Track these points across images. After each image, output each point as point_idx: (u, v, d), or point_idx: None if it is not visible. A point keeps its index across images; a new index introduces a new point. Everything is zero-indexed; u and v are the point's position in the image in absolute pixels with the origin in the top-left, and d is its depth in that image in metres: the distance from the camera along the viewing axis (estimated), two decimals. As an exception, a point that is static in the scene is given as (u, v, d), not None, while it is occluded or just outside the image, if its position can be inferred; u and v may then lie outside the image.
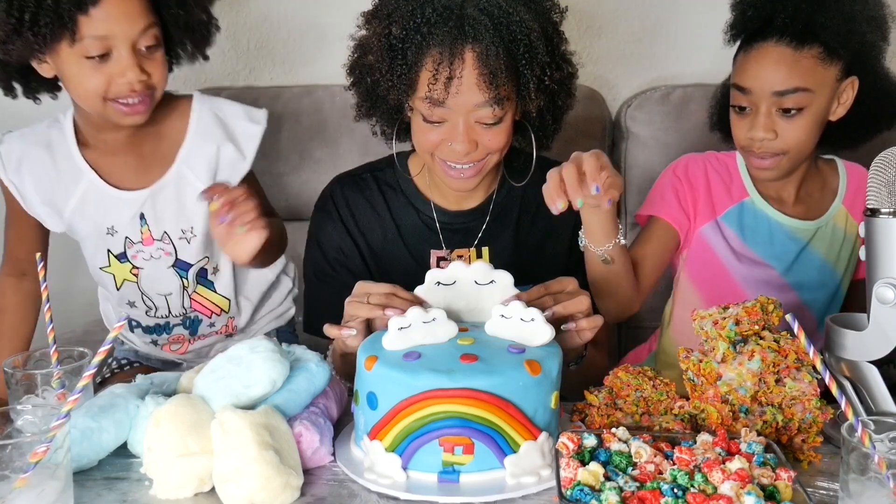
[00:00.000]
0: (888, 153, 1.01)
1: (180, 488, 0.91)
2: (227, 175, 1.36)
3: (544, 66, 1.22)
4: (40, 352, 1.07)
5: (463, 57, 1.17)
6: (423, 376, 0.92)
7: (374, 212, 1.38)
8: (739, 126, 1.34)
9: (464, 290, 1.04)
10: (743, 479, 0.80)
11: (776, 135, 1.29)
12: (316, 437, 0.98)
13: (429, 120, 1.22)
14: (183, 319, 1.41)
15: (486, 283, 1.04)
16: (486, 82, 1.17)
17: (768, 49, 1.28)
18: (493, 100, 1.19)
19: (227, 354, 1.02)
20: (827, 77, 1.29)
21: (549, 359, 0.97)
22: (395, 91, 1.23)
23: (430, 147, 1.25)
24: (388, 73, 1.21)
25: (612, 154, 1.83)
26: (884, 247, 1.00)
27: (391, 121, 1.34)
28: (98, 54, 1.22)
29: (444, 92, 1.18)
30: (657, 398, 1.03)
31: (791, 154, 1.32)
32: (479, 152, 1.24)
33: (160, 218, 1.35)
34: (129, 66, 1.22)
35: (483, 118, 1.21)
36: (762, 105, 1.29)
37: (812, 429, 0.97)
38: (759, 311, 1.01)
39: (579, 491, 0.80)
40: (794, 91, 1.27)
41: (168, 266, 1.36)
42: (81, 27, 1.20)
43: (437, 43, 1.17)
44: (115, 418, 0.98)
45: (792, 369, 0.98)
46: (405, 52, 1.19)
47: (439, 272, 1.04)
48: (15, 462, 0.80)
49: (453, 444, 0.92)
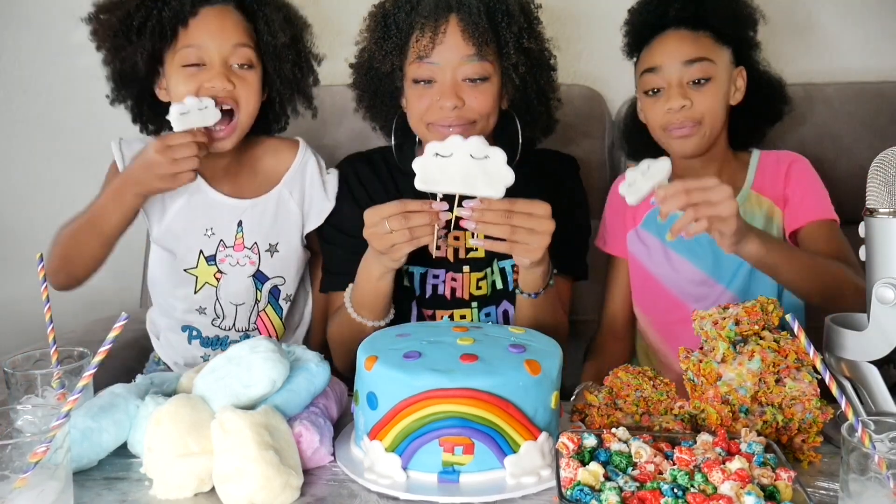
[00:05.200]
0: (888, 153, 1.01)
1: (180, 488, 0.91)
2: (315, 216, 1.49)
3: (521, 29, 1.32)
4: (40, 352, 1.07)
5: (447, 18, 1.29)
6: (423, 376, 0.92)
7: (383, 186, 1.46)
8: (655, 107, 1.42)
9: (460, 161, 1.10)
10: (743, 479, 0.80)
11: (691, 103, 1.38)
12: (316, 437, 0.98)
13: (418, 79, 1.31)
14: (242, 336, 1.45)
15: (481, 158, 1.10)
16: (470, 37, 1.28)
17: (669, 34, 1.42)
18: (476, 54, 1.28)
19: (227, 354, 1.02)
20: (723, 56, 1.42)
21: (549, 359, 0.97)
22: (388, 59, 1.34)
23: (422, 112, 1.33)
24: (380, 42, 1.34)
25: (611, 154, 1.83)
26: (883, 247, 0.99)
27: (390, 116, 1.44)
28: (193, 63, 1.34)
29: (431, 44, 1.28)
30: (657, 398, 1.03)
31: (705, 124, 1.40)
32: (466, 111, 1.30)
33: (254, 229, 1.45)
34: (217, 74, 1.33)
35: (469, 74, 1.30)
36: (673, 78, 1.39)
37: (812, 429, 0.97)
38: (759, 311, 1.01)
39: (579, 491, 0.80)
40: (700, 60, 1.39)
41: (249, 275, 1.45)
42: (181, 37, 1.34)
43: (424, 11, 1.30)
44: (115, 418, 0.98)
45: (792, 369, 0.98)
46: (397, 23, 1.33)
47: (438, 144, 1.11)
48: (15, 462, 0.80)
49: (453, 444, 0.92)
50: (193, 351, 1.48)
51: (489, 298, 1.41)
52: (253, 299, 1.46)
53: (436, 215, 1.13)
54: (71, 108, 2.09)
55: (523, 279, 1.28)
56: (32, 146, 2.11)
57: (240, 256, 1.44)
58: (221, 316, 1.46)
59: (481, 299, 1.41)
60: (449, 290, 1.40)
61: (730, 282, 1.44)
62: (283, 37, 1.39)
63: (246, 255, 1.45)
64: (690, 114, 1.39)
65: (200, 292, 1.45)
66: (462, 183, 1.10)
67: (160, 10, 1.32)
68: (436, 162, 1.11)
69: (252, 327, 1.48)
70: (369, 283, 1.27)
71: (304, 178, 1.49)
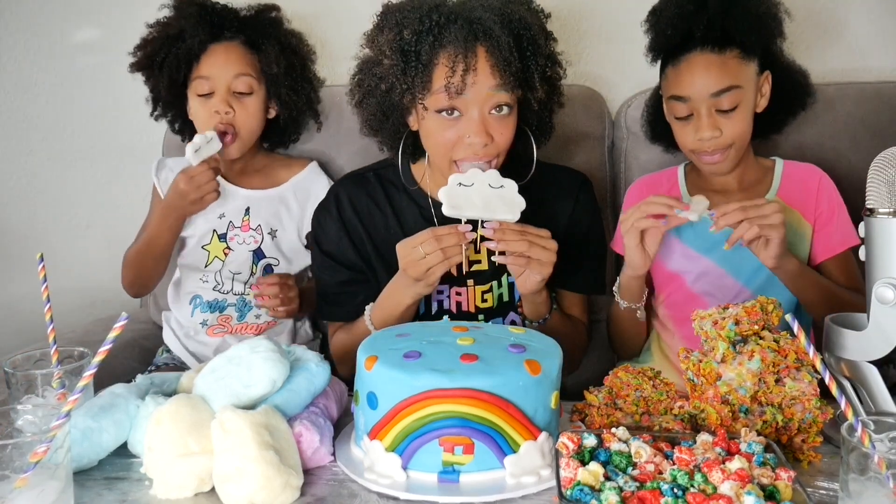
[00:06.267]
0: (888, 153, 1.01)
1: (180, 488, 0.91)
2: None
3: (546, 58, 1.31)
4: (40, 352, 1.07)
5: (475, 51, 1.24)
6: (423, 376, 0.92)
7: (377, 207, 1.46)
8: (685, 133, 1.43)
9: (480, 190, 1.25)
10: (743, 479, 0.80)
11: (721, 132, 1.39)
12: (316, 437, 0.98)
13: (443, 109, 1.27)
14: (238, 300, 1.69)
15: (498, 188, 1.25)
16: (500, 69, 1.24)
17: (695, 58, 1.40)
18: (506, 84, 1.25)
19: (228, 354, 1.02)
20: (749, 73, 1.41)
21: (549, 359, 0.97)
22: (410, 92, 1.28)
23: (448, 146, 1.30)
24: (402, 76, 1.27)
25: (611, 154, 1.83)
26: (883, 247, 0.99)
27: (397, 135, 1.41)
28: (204, 93, 1.61)
29: (462, 83, 1.24)
30: (657, 398, 1.03)
31: (736, 145, 1.42)
32: (493, 147, 1.29)
33: (259, 214, 1.71)
34: (220, 101, 1.60)
35: (494, 104, 1.27)
36: (702, 108, 1.39)
37: (812, 429, 0.97)
38: (759, 311, 1.01)
39: (579, 491, 0.80)
40: (728, 90, 1.38)
41: (250, 251, 1.70)
42: (195, 70, 1.62)
43: (451, 41, 1.24)
44: (115, 418, 0.98)
45: (792, 369, 0.98)
46: (419, 53, 1.26)
47: (461, 175, 1.25)
48: (15, 462, 0.80)
49: (453, 443, 0.92)
50: (196, 320, 1.69)
51: (495, 311, 1.43)
52: (249, 272, 1.70)
53: (463, 236, 1.23)
54: (71, 108, 2.09)
55: (527, 309, 1.38)
56: (32, 146, 2.11)
57: (245, 236, 1.70)
58: (221, 282, 1.70)
59: (487, 311, 1.42)
60: (454, 305, 1.42)
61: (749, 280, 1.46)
62: (278, 68, 1.64)
63: (251, 234, 1.70)
64: (721, 141, 1.40)
65: (209, 266, 1.70)
66: (484, 208, 1.24)
67: (178, 48, 1.61)
68: (459, 191, 1.25)
69: (247, 292, 1.69)
70: (398, 310, 1.32)
71: (310, 187, 1.73)
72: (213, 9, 1.65)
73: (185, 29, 1.61)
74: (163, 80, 1.64)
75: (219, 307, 1.69)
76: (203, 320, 1.69)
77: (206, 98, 1.61)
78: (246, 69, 1.62)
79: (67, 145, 2.11)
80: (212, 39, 1.62)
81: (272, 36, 1.67)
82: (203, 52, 1.61)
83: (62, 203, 2.13)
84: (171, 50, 1.61)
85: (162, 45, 1.62)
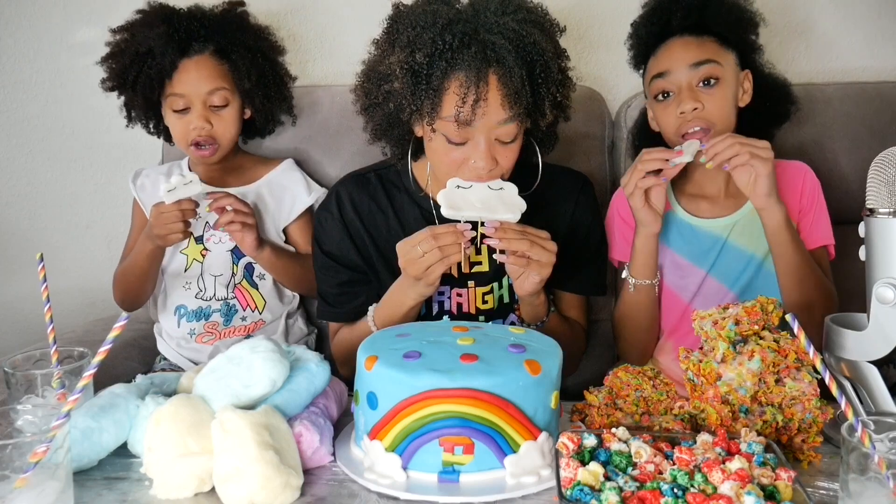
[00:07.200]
0: (888, 153, 1.01)
1: (180, 488, 0.91)
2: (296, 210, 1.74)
3: (558, 84, 1.29)
4: (40, 352, 1.07)
5: (487, 80, 1.22)
6: (423, 376, 0.92)
7: (378, 208, 1.46)
8: (666, 112, 1.43)
9: (479, 191, 1.25)
10: (743, 479, 0.80)
11: (702, 105, 1.39)
12: (316, 437, 0.98)
13: (453, 141, 1.26)
14: (222, 305, 1.67)
15: (497, 189, 1.26)
16: (510, 101, 1.22)
17: (674, 41, 1.44)
18: (515, 117, 1.24)
19: (228, 354, 1.02)
20: (728, 59, 1.43)
21: (549, 359, 0.97)
22: (418, 115, 1.27)
23: (453, 166, 1.29)
24: (412, 98, 1.25)
25: (611, 154, 1.83)
26: (883, 247, 1.00)
27: (402, 142, 1.41)
28: (180, 109, 1.60)
29: (472, 113, 1.22)
30: (657, 398, 1.03)
31: (717, 126, 1.40)
32: (497, 170, 1.28)
33: None
34: (198, 117, 1.59)
35: (503, 135, 1.26)
36: (682, 81, 1.40)
37: (812, 429, 0.97)
38: (759, 311, 1.01)
39: (579, 491, 0.80)
40: (707, 62, 1.40)
41: (228, 250, 1.67)
42: (167, 87, 1.59)
43: (463, 67, 1.21)
44: (115, 418, 0.98)
45: (792, 369, 0.98)
46: (430, 78, 1.23)
47: (459, 179, 1.26)
48: (15, 462, 0.80)
49: (453, 443, 0.92)
50: (183, 331, 1.68)
51: (496, 312, 1.43)
52: (230, 272, 1.67)
53: (461, 234, 1.22)
54: (71, 108, 2.09)
55: (524, 311, 1.37)
56: (32, 146, 2.11)
57: (221, 235, 1.66)
58: (203, 288, 1.67)
59: (488, 313, 1.42)
60: (455, 306, 1.42)
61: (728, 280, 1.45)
62: (250, 82, 1.63)
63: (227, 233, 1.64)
64: (703, 115, 1.39)
65: (189, 270, 1.68)
66: (483, 209, 1.23)
67: (149, 67, 1.58)
68: (458, 192, 1.25)
69: (231, 296, 1.67)
70: (401, 311, 1.32)
71: (285, 182, 1.72)
72: (178, 19, 1.59)
73: (153, 47, 1.57)
74: (137, 99, 1.63)
75: (204, 315, 1.67)
76: (190, 330, 1.67)
77: (182, 113, 1.60)
78: (219, 83, 1.60)
79: (67, 145, 2.10)
80: (181, 55, 1.58)
81: (241, 42, 1.63)
82: (174, 69, 1.58)
83: (62, 203, 2.13)
84: (142, 68, 1.58)
85: (132, 62, 1.59)
